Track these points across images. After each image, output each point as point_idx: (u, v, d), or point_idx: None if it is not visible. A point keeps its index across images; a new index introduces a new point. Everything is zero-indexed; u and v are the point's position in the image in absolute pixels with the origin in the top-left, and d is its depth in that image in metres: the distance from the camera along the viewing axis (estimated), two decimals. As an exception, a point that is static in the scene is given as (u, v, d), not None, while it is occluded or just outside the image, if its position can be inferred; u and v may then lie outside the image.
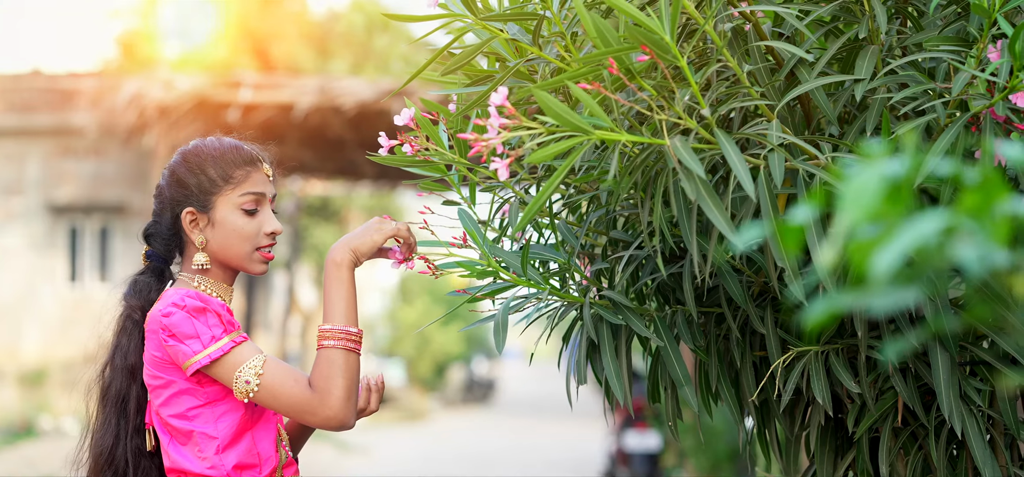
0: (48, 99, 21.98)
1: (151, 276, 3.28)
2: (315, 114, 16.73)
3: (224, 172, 3.21)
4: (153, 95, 16.67)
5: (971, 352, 2.96)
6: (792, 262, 2.62)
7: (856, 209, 1.22)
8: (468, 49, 2.90)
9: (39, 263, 21.84)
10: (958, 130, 2.65)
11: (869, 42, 2.86)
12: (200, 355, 3.04)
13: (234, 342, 3.06)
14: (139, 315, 3.24)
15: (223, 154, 3.24)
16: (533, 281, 3.04)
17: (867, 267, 1.21)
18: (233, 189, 3.21)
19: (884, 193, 1.22)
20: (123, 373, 3.24)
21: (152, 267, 3.29)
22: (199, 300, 3.09)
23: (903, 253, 1.18)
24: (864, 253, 1.21)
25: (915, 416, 3.04)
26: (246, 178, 3.23)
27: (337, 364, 3.06)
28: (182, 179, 3.22)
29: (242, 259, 3.23)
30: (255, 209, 3.23)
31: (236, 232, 3.20)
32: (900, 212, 1.22)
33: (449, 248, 3.10)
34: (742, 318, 3.12)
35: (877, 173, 1.23)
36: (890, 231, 1.21)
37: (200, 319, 3.06)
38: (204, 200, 3.20)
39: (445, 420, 30.74)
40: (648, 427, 14.77)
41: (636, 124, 2.69)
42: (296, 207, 25.38)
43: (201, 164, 3.22)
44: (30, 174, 22.02)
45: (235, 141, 3.31)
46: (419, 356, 34.73)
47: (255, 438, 3.16)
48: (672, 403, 3.23)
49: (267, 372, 3.05)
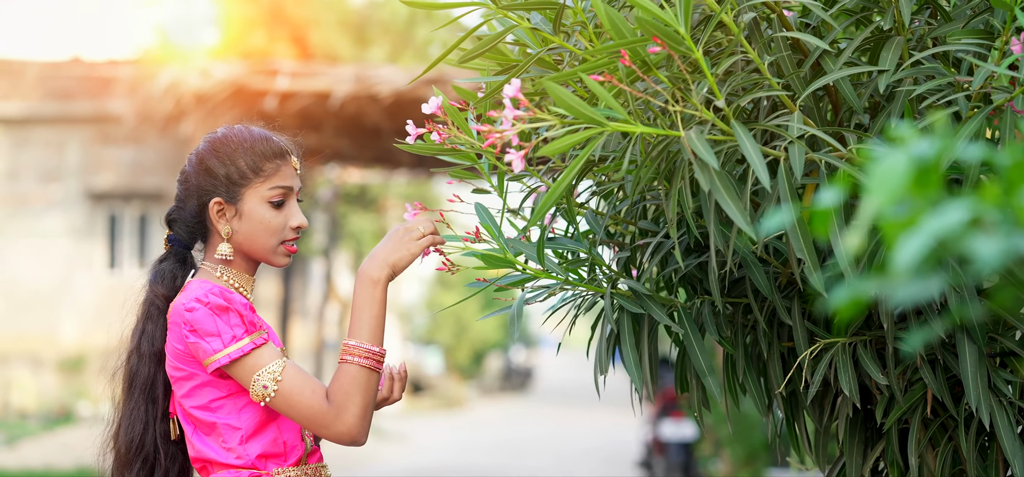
0: (87, 86, 22.07)
1: (174, 262, 3.28)
2: (352, 102, 16.73)
3: (255, 164, 3.20)
4: (190, 83, 16.72)
5: (1000, 343, 2.93)
6: (811, 250, 2.60)
7: (884, 191, 1.20)
8: (489, 37, 2.90)
9: (78, 250, 21.95)
10: (980, 122, 2.63)
11: (895, 33, 2.83)
12: (220, 354, 3.04)
13: (255, 344, 3.06)
14: (163, 302, 3.24)
15: (254, 145, 3.22)
16: (551, 272, 3.03)
17: (896, 249, 1.19)
18: (263, 182, 3.20)
19: (913, 175, 1.20)
20: (150, 359, 3.25)
21: (174, 252, 3.29)
22: (222, 297, 3.08)
23: (927, 244, 1.16)
24: (895, 233, 1.19)
25: (944, 407, 3.02)
26: (276, 172, 3.22)
27: (358, 382, 3.06)
28: (211, 168, 3.20)
29: (266, 252, 3.22)
30: (282, 202, 3.22)
31: (263, 225, 3.19)
32: (929, 195, 1.21)
33: (465, 242, 3.08)
34: (768, 309, 3.10)
35: (905, 156, 1.21)
36: (919, 212, 1.19)
37: (222, 317, 3.05)
38: (233, 191, 3.19)
39: (482, 408, 30.80)
40: (684, 416, 14.74)
41: (657, 113, 2.67)
42: (333, 195, 25.42)
43: (231, 154, 3.20)
44: (69, 161, 22.13)
45: (265, 132, 3.29)
46: (457, 344, 34.82)
47: (280, 428, 3.15)
48: (699, 393, 3.21)
49: (285, 378, 3.05)
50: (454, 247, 3.11)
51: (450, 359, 34.82)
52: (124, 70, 21.22)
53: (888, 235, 1.21)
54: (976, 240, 1.19)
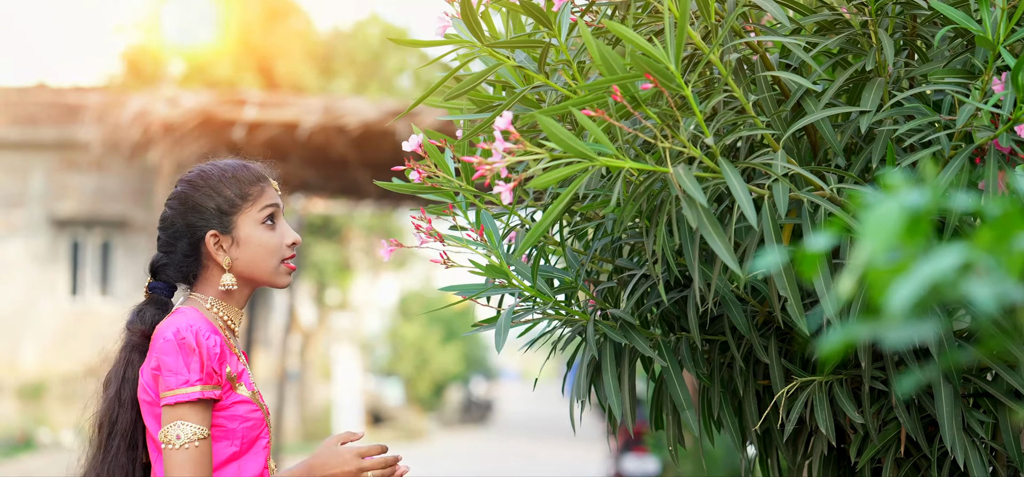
0: (52, 113, 21.98)
1: (155, 308, 3.25)
2: (319, 133, 16.73)
3: (241, 190, 3.21)
4: (158, 111, 16.69)
5: (975, 384, 2.97)
6: (796, 292, 2.64)
7: (876, 239, 1.23)
8: (474, 75, 2.92)
9: (40, 276, 21.83)
10: (963, 161, 2.67)
11: (876, 74, 2.88)
12: (168, 393, 3.04)
13: (201, 395, 3.05)
14: (143, 341, 3.21)
15: (235, 173, 3.23)
16: (541, 292, 3.06)
17: (886, 296, 1.22)
18: (252, 206, 3.21)
19: (904, 224, 1.24)
20: (131, 406, 3.20)
21: (155, 299, 3.27)
22: (195, 339, 3.07)
23: (920, 288, 1.19)
24: (884, 281, 1.22)
25: (918, 447, 3.05)
26: (261, 194, 3.23)
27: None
28: (199, 203, 3.20)
29: (269, 273, 3.23)
30: (273, 221, 3.24)
31: (262, 247, 3.20)
32: (919, 243, 1.24)
33: (466, 242, 3.10)
34: (746, 347, 3.13)
35: (898, 204, 1.24)
36: (910, 261, 1.22)
37: (185, 356, 3.05)
38: (225, 221, 3.19)
39: (443, 440, 30.71)
40: (647, 452, 14.76)
41: (641, 152, 2.71)
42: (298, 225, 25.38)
43: (215, 186, 3.21)
44: (33, 187, 22.02)
45: (239, 160, 3.30)
46: (418, 375, 34.72)
47: (241, 466, 3.15)
48: (674, 428, 3.24)
49: (195, 451, 3.05)
50: (455, 247, 3.13)
51: (411, 390, 34.72)
52: (91, 97, 21.14)
53: (878, 281, 1.24)
54: (971, 285, 1.22)
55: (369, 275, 34.41)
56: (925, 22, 2.98)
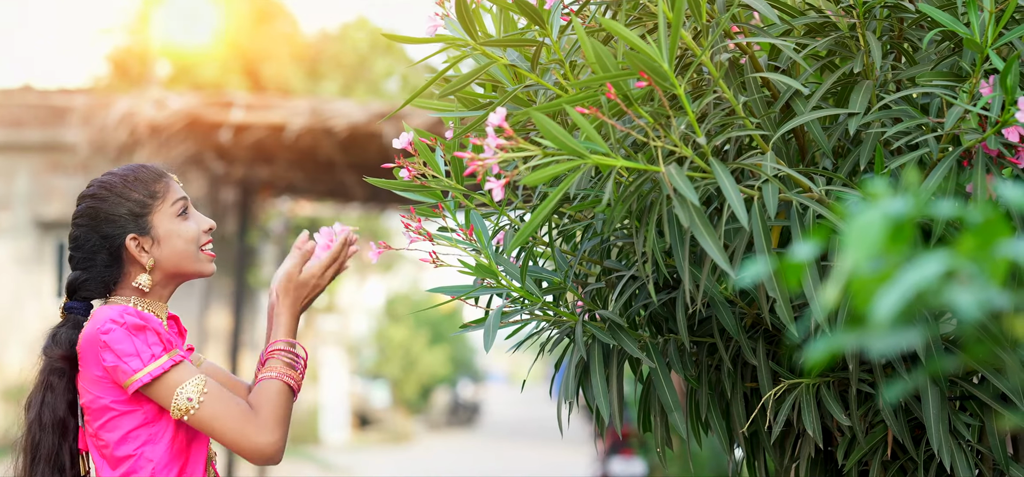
0: (38, 115, 21.92)
1: (70, 329, 3.23)
2: (307, 135, 16.68)
3: (148, 190, 3.23)
4: (144, 113, 16.64)
5: (961, 387, 2.98)
6: (786, 297, 2.65)
7: (859, 248, 1.23)
8: (466, 74, 2.92)
9: (25, 279, 21.77)
10: (950, 164, 2.68)
11: (864, 77, 2.88)
12: (140, 373, 3.03)
13: (173, 361, 3.06)
14: (63, 364, 3.20)
15: (137, 176, 3.25)
16: (530, 293, 3.06)
17: (869, 305, 1.22)
18: (163, 202, 3.23)
19: (887, 233, 1.24)
20: (53, 429, 3.19)
21: (71, 320, 3.25)
22: (139, 317, 3.08)
23: (905, 296, 1.19)
24: (868, 290, 1.23)
25: (904, 450, 3.06)
26: (167, 189, 3.26)
27: (282, 396, 3.16)
28: (109, 214, 3.20)
29: (191, 262, 3.25)
30: (186, 212, 3.26)
31: (182, 238, 3.23)
32: (902, 251, 1.24)
33: (456, 241, 3.10)
34: (734, 349, 3.13)
35: (880, 212, 1.25)
36: (893, 270, 1.23)
37: (140, 336, 3.05)
38: (141, 223, 3.21)
39: (429, 443, 30.68)
40: (634, 454, 14.77)
41: (631, 152, 2.71)
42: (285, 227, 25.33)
43: (122, 192, 3.22)
44: (19, 189, 21.96)
45: (134, 164, 3.32)
46: (405, 378, 34.68)
47: (190, 462, 3.15)
48: (662, 430, 3.24)
49: (210, 391, 3.06)
50: (444, 247, 3.13)
51: (397, 393, 34.68)
52: (77, 98, 21.08)
53: (862, 290, 1.24)
54: (954, 293, 1.22)
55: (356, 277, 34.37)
56: (912, 25, 2.99)
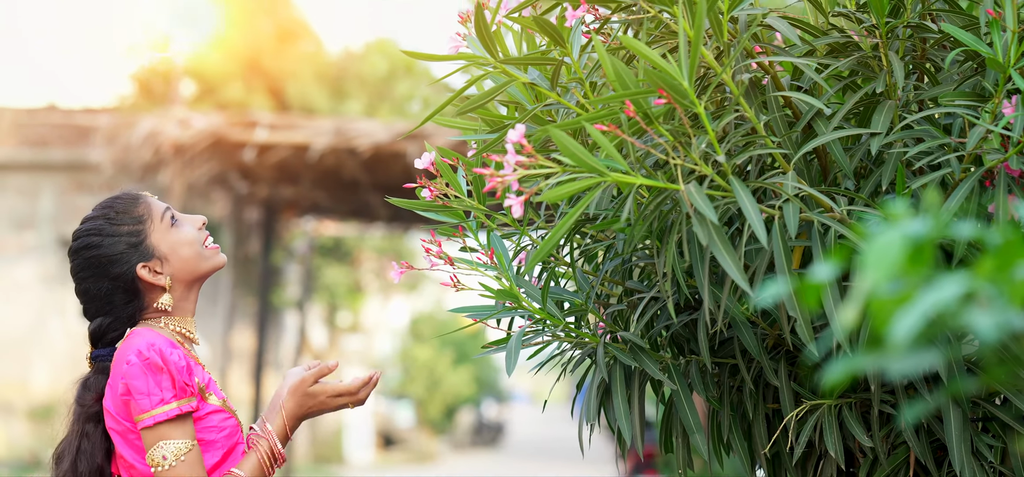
0: (63, 134, 22.00)
1: (101, 375, 3.24)
2: (330, 155, 16.72)
3: (133, 216, 3.25)
4: (168, 133, 16.70)
5: (984, 408, 2.96)
6: (807, 317, 2.64)
7: (879, 270, 1.23)
8: (486, 92, 2.93)
9: (50, 298, 21.82)
10: (972, 185, 2.67)
11: (886, 97, 2.88)
12: (145, 414, 3.05)
13: (179, 410, 3.07)
14: (97, 407, 3.22)
15: (116, 209, 3.27)
16: (551, 314, 3.06)
17: (888, 326, 1.21)
18: (152, 221, 3.25)
19: (906, 254, 1.23)
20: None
21: (100, 367, 3.26)
22: (160, 356, 3.08)
23: (923, 318, 1.19)
24: (886, 312, 1.22)
25: (927, 471, 3.05)
26: (149, 208, 3.28)
27: None
28: (110, 254, 3.22)
29: (200, 262, 3.28)
30: (175, 219, 3.28)
31: (185, 245, 3.26)
32: (922, 272, 1.23)
33: (476, 264, 3.11)
34: (756, 370, 3.12)
35: (900, 233, 1.24)
36: (912, 291, 1.22)
37: (154, 377, 3.06)
38: (143, 249, 3.23)
39: (454, 463, 30.67)
40: (656, 474, 14.73)
41: (651, 171, 2.71)
42: (308, 247, 25.38)
43: (112, 231, 3.24)
44: (43, 208, 22.03)
45: (104, 202, 3.32)
46: (429, 398, 34.67)
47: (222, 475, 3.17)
48: (684, 451, 3.24)
49: (187, 461, 3.06)
50: (465, 270, 3.14)
51: (422, 413, 34.66)
52: (101, 118, 21.16)
53: (881, 312, 1.23)
54: (972, 315, 1.21)
55: (380, 297, 34.39)
56: (935, 45, 2.98)
